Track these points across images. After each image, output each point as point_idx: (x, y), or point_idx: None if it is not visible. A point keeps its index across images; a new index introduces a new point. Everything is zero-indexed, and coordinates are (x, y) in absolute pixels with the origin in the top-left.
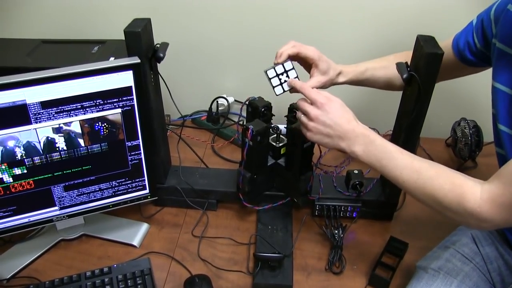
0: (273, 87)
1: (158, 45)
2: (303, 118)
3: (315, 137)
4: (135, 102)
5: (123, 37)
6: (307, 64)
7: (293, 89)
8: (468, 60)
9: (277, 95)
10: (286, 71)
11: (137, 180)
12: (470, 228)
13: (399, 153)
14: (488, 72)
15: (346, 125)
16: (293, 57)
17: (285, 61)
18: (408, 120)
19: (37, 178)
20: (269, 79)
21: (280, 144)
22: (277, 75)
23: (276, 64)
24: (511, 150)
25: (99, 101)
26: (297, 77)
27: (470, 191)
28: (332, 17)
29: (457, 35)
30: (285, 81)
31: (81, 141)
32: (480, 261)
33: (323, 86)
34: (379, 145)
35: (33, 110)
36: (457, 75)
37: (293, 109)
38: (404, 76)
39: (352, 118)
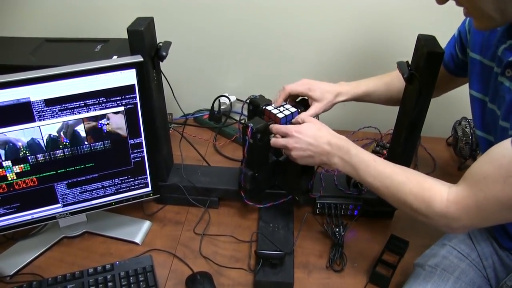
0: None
1: (161, 44)
2: (286, 152)
3: (302, 161)
4: (138, 100)
5: (126, 36)
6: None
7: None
8: (454, 71)
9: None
10: (282, 105)
11: (139, 178)
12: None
13: (373, 161)
14: None
15: (320, 142)
16: (290, 97)
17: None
18: (409, 119)
19: (40, 175)
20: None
21: None
22: (277, 108)
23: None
24: None
25: (102, 99)
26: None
27: (438, 194)
28: (333, 15)
29: (444, 48)
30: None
31: (84, 139)
32: (476, 257)
33: (325, 110)
34: (354, 155)
35: (37, 108)
36: (450, 87)
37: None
38: (405, 75)
39: (325, 134)
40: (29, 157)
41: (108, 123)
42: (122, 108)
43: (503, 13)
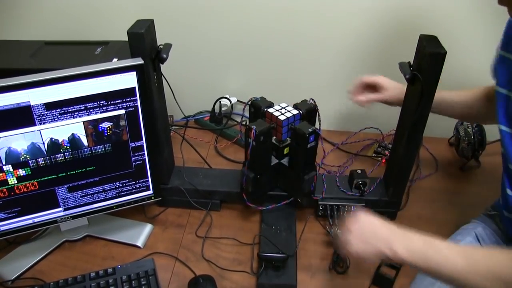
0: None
1: (161, 46)
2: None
3: (358, 248)
4: (138, 103)
5: (126, 38)
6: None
7: None
8: None
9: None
10: (284, 108)
11: (140, 181)
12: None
13: (440, 241)
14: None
15: (383, 231)
16: (362, 85)
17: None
18: (411, 119)
19: (41, 179)
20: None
21: (283, 144)
22: (278, 110)
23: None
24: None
25: (102, 102)
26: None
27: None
28: (335, 17)
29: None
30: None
31: (85, 142)
32: None
33: (388, 101)
34: (418, 238)
35: (37, 112)
36: None
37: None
38: (407, 75)
39: (385, 223)
40: (29, 161)
41: (109, 126)
42: (123, 111)
43: None
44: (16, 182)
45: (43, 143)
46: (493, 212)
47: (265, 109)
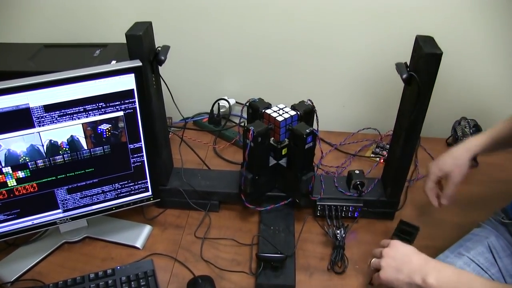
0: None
1: (159, 48)
2: (380, 269)
3: (390, 275)
4: (137, 105)
5: (124, 41)
6: None
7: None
8: None
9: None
10: (282, 109)
11: (139, 182)
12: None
13: (473, 275)
14: (489, 69)
15: (417, 260)
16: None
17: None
18: (409, 120)
19: (40, 181)
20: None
21: (281, 145)
22: (276, 111)
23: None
24: None
25: (101, 104)
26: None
27: None
28: (332, 18)
29: None
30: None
31: (84, 144)
32: (496, 273)
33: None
34: (451, 270)
35: (36, 114)
36: None
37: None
38: (404, 76)
39: (419, 253)
40: (29, 163)
41: (107, 128)
42: (121, 113)
43: None
44: (15, 184)
45: (42, 145)
46: (507, 220)
47: (263, 110)
